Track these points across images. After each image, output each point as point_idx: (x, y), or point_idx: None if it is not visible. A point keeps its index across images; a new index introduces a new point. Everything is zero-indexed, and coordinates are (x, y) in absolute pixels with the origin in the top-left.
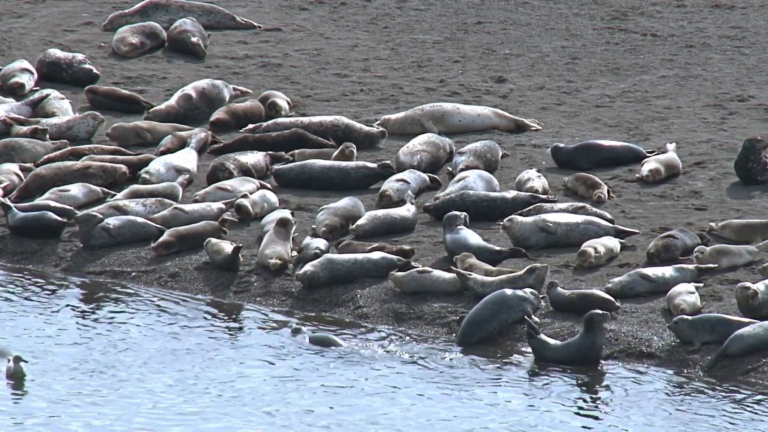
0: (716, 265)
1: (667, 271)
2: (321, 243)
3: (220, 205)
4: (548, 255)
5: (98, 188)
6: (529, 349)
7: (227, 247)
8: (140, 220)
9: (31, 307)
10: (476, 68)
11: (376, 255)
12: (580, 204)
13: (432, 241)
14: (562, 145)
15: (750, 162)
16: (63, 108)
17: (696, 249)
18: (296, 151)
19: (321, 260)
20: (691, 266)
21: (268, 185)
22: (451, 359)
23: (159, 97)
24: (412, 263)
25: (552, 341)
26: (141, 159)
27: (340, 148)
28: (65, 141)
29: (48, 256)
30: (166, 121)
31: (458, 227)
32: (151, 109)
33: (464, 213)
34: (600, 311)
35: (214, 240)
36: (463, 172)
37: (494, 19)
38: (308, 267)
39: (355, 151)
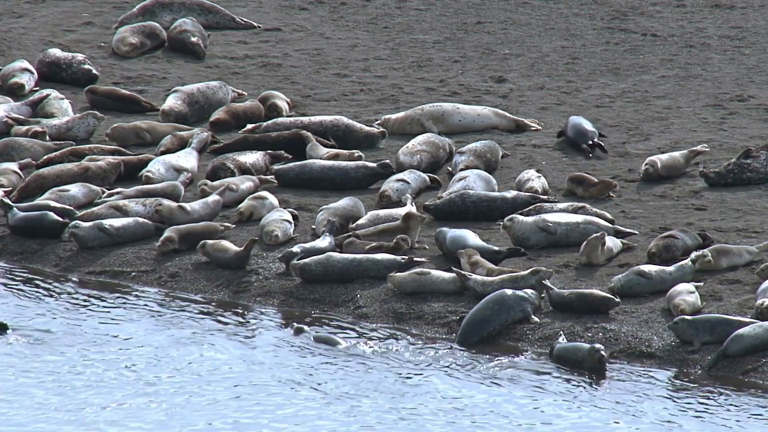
0: (711, 260)
1: (666, 270)
2: (324, 242)
3: (215, 197)
4: (548, 255)
5: (98, 188)
6: (529, 349)
7: (231, 245)
8: (141, 219)
9: (30, 307)
10: (476, 68)
11: (378, 255)
12: (580, 204)
13: (432, 241)
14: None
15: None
16: (63, 108)
17: (696, 254)
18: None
19: (320, 257)
20: (690, 265)
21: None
22: (451, 359)
23: (159, 97)
24: (414, 258)
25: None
26: (141, 159)
27: (348, 154)
28: (71, 142)
29: (48, 256)
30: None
31: (450, 230)
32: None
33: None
34: None
35: (211, 241)
36: (463, 172)
37: (494, 19)
38: (307, 260)
39: (363, 156)
